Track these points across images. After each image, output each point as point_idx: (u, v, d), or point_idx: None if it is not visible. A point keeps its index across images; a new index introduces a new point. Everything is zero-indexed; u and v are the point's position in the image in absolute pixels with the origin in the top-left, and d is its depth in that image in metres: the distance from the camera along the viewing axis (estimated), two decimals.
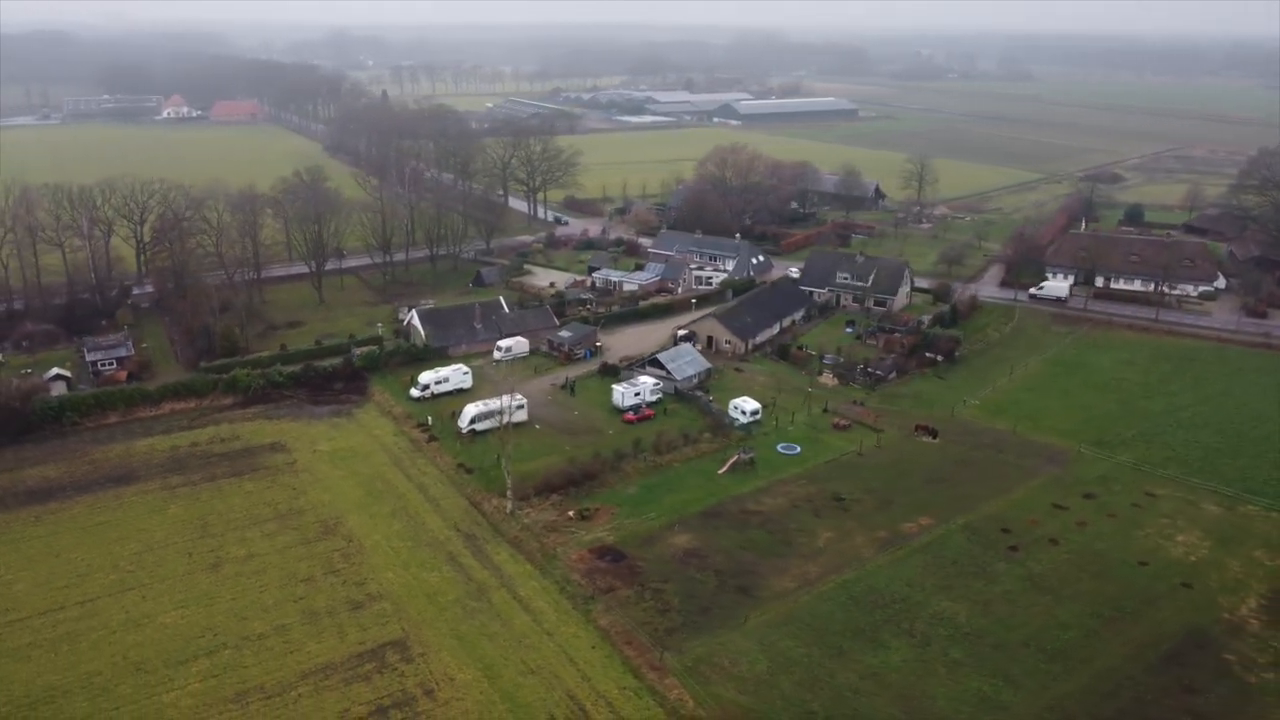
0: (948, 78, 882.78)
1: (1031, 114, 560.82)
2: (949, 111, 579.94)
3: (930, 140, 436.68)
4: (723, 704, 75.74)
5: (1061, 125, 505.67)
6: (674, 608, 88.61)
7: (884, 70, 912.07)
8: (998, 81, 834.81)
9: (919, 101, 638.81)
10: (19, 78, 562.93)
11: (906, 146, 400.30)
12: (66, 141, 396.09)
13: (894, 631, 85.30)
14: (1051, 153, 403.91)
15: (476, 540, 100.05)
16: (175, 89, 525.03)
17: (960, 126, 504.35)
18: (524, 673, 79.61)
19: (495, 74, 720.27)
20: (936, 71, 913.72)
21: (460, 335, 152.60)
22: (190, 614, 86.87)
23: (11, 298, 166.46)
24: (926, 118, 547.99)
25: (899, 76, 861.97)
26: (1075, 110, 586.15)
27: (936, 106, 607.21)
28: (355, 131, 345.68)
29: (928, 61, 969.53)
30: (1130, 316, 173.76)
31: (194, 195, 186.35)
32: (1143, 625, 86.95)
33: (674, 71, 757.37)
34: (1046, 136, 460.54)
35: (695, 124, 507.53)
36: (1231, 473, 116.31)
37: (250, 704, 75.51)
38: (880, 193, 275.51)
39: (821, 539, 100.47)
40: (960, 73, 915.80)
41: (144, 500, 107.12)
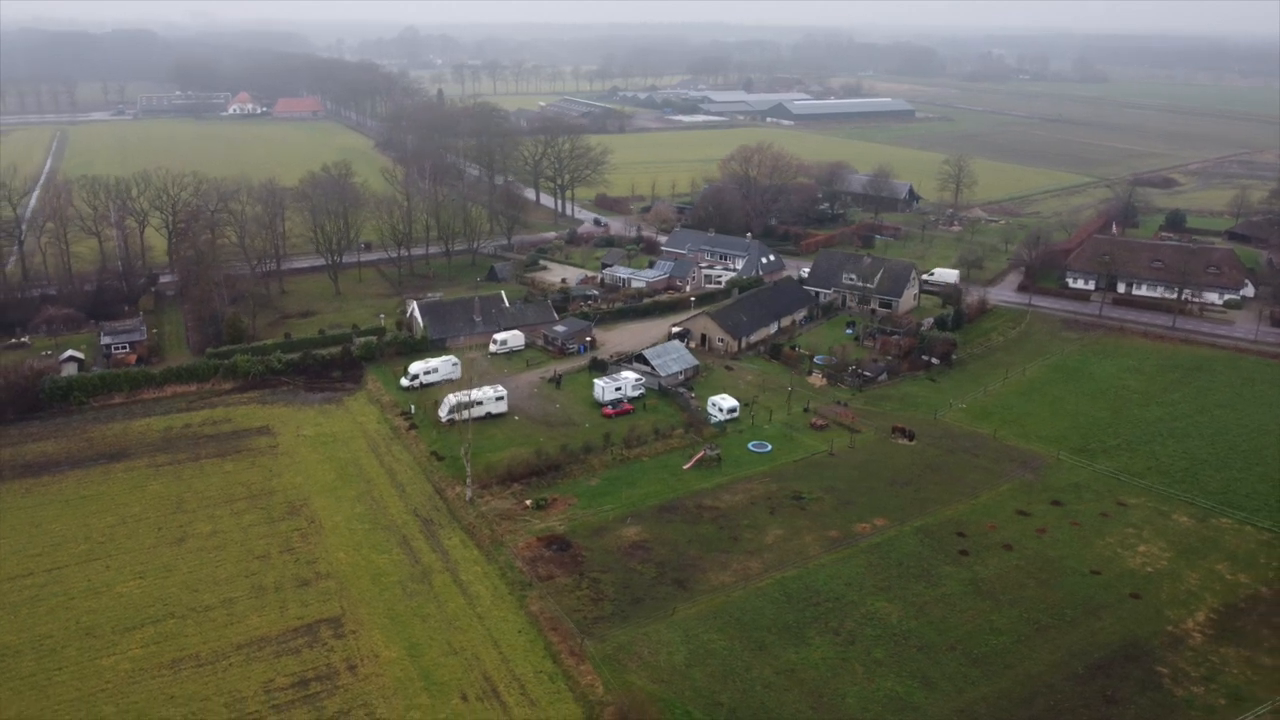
0: (1018, 79, 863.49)
1: (1097, 116, 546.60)
2: (1012, 113, 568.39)
3: (984, 142, 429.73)
4: (631, 691, 76.93)
5: (1126, 128, 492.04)
6: (607, 597, 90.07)
7: (953, 71, 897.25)
8: (1070, 83, 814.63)
9: (983, 103, 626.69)
10: (100, 74, 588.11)
11: (957, 148, 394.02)
12: (135, 135, 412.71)
13: (820, 629, 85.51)
14: (1108, 156, 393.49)
15: (432, 525, 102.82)
16: (243, 86, 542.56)
17: (1019, 128, 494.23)
18: (447, 653, 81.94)
19: (556, 73, 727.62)
20: (1007, 73, 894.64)
21: (459, 328, 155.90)
22: (147, 584, 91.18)
23: (45, 284, 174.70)
24: (986, 119, 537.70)
25: (968, 78, 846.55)
26: (1144, 113, 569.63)
27: (1000, 108, 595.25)
28: (404, 128, 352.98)
29: (998, 62, 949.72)
30: (1145, 323, 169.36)
31: (224, 188, 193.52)
32: (1078, 634, 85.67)
33: (735, 71, 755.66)
34: (1107, 139, 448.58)
35: (748, 124, 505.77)
36: (1214, 484, 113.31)
37: (182, 671, 79.23)
38: (914, 194, 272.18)
39: (770, 536, 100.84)
40: (1032, 74, 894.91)
41: (129, 477, 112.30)
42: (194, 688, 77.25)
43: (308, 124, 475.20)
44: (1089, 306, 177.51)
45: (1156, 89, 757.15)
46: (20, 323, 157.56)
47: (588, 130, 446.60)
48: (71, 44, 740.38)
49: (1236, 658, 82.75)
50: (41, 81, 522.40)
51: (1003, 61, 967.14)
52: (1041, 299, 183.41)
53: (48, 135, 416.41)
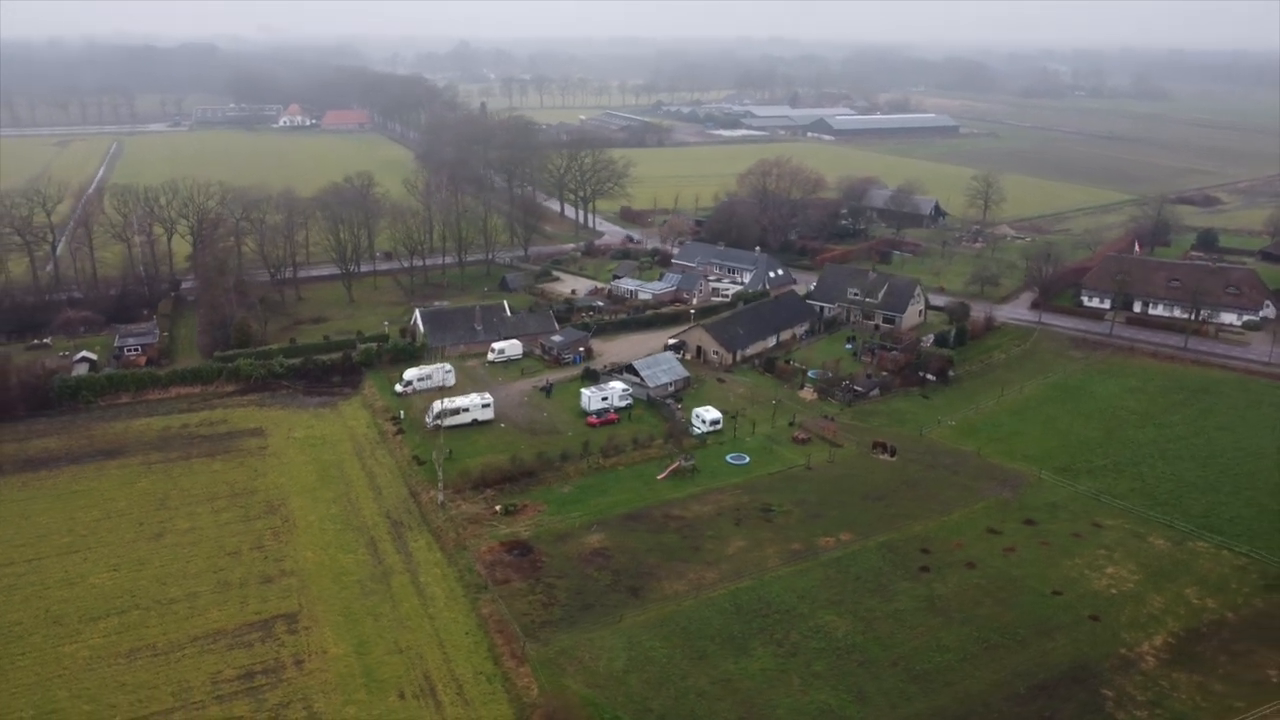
0: (1074, 95, 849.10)
1: (1150, 133, 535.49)
2: (1061, 129, 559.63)
3: (1027, 158, 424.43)
4: (565, 695, 77.98)
5: (1178, 145, 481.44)
6: (559, 602, 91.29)
7: (1007, 87, 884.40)
8: (1127, 99, 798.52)
9: (1034, 119, 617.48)
10: (163, 87, 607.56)
11: (999, 164, 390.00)
12: (187, 146, 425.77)
13: (764, 641, 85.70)
14: (1153, 173, 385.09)
15: (401, 527, 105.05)
16: (295, 98, 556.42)
17: (1066, 145, 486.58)
18: (392, 651, 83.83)
19: (603, 86, 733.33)
20: (1062, 89, 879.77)
21: (459, 336, 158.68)
22: (119, 577, 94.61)
23: (73, 288, 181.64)
24: (1034, 135, 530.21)
25: (1021, 93, 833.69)
26: (1201, 129, 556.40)
27: (1050, 124, 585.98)
28: (442, 140, 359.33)
29: (1054, 78, 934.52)
30: (1156, 344, 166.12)
31: (249, 197, 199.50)
32: (1027, 654, 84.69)
33: (781, 86, 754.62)
34: (1155, 157, 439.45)
35: (789, 138, 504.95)
36: (1197, 507, 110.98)
37: (138, 660, 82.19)
38: (940, 210, 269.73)
39: (732, 547, 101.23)
40: (1088, 90, 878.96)
41: (121, 473, 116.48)
42: (145, 676, 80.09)
43: (354, 136, 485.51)
44: (1101, 325, 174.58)
45: (1218, 105, 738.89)
46: (43, 324, 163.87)
47: (626, 144, 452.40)
48: (139, 58, 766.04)
49: (1188, 683, 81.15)
50: (104, 93, 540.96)
51: (1058, 77, 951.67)
52: (1054, 317, 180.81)
53: (105, 145, 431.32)
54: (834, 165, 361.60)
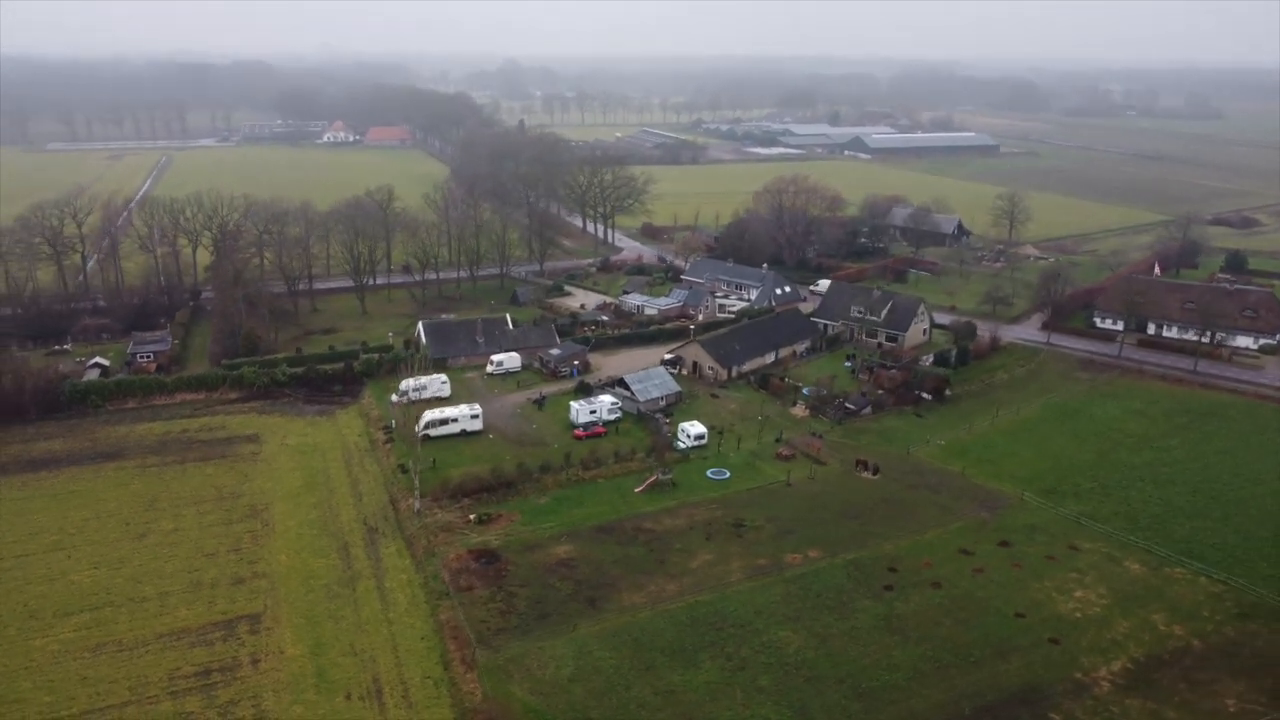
0: (1125, 114, 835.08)
1: (1196, 153, 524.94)
2: (1105, 149, 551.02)
3: (1065, 178, 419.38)
4: (507, 702, 79.11)
5: (1225, 165, 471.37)
6: (517, 611, 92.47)
7: (1057, 106, 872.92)
8: (1180, 119, 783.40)
9: (1080, 138, 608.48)
10: (214, 103, 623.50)
11: (1035, 184, 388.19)
12: (231, 160, 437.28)
13: (714, 654, 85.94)
14: (1193, 193, 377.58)
15: (376, 534, 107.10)
16: (340, 115, 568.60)
17: (1108, 164, 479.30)
18: (347, 654, 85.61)
19: (644, 104, 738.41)
20: (1113, 108, 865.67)
21: (461, 348, 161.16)
22: (98, 574, 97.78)
23: (98, 296, 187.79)
24: (1076, 155, 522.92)
25: (1071, 112, 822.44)
26: (1254, 149, 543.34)
27: (1096, 144, 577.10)
28: (474, 156, 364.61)
29: (1104, 98, 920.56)
30: (1165, 366, 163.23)
31: (272, 210, 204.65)
32: (979, 675, 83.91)
33: (824, 104, 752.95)
34: (1198, 177, 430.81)
35: (825, 157, 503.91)
36: (1181, 533, 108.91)
37: (102, 655, 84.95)
38: (963, 229, 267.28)
39: (697, 561, 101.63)
40: (1140, 109, 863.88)
41: (117, 475, 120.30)
42: (107, 671, 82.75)
43: (395, 151, 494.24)
44: (1110, 347, 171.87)
45: (1273, 125, 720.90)
46: (66, 331, 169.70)
47: (660, 161, 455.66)
48: (195, 75, 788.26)
49: (1140, 709, 79.82)
50: (157, 109, 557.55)
51: (1109, 97, 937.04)
52: (1064, 338, 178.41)
53: (155, 159, 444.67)
54: (865, 183, 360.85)
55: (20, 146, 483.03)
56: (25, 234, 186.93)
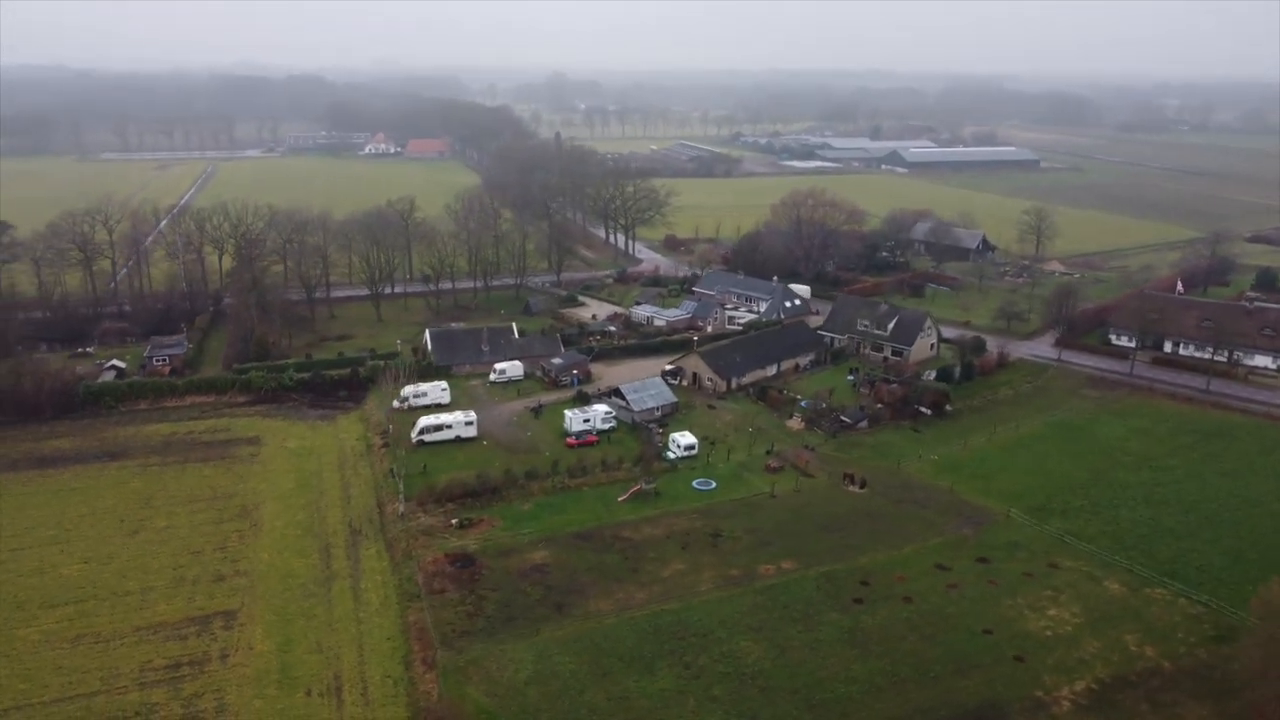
0: (1177, 129, 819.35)
1: (1245, 169, 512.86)
2: (1152, 164, 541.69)
3: (1104, 193, 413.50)
4: (461, 702, 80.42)
5: (1270, 182, 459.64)
6: (484, 614, 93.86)
7: (1107, 121, 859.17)
8: (1234, 135, 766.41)
9: (1128, 153, 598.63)
10: (264, 114, 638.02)
11: (1072, 198, 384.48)
12: (274, 171, 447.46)
13: (672, 662, 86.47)
14: (1235, 210, 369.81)
15: (359, 536, 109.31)
16: (384, 127, 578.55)
17: (1151, 180, 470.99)
18: (313, 651, 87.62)
19: (685, 118, 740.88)
20: (1165, 123, 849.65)
21: (466, 356, 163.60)
22: (87, 569, 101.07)
23: (123, 301, 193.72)
24: (1119, 170, 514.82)
25: (1121, 127, 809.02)
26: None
27: (1143, 159, 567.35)
28: (505, 168, 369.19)
29: (1157, 112, 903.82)
30: (1177, 385, 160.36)
31: (296, 219, 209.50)
32: (935, 691, 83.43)
33: (866, 118, 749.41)
34: (1243, 193, 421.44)
35: (862, 170, 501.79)
36: (1168, 553, 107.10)
37: (80, 646, 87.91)
38: (988, 243, 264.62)
39: (670, 570, 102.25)
40: (1193, 124, 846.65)
41: (119, 474, 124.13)
42: (82, 661, 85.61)
43: (434, 163, 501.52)
44: (1123, 365, 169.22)
45: None
46: (90, 335, 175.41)
47: (694, 174, 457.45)
48: (249, 88, 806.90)
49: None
50: (206, 120, 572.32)
51: (1162, 111, 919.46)
52: (1077, 355, 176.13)
53: (201, 169, 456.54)
54: (896, 197, 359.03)
55: (74, 156, 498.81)
56: (55, 240, 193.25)
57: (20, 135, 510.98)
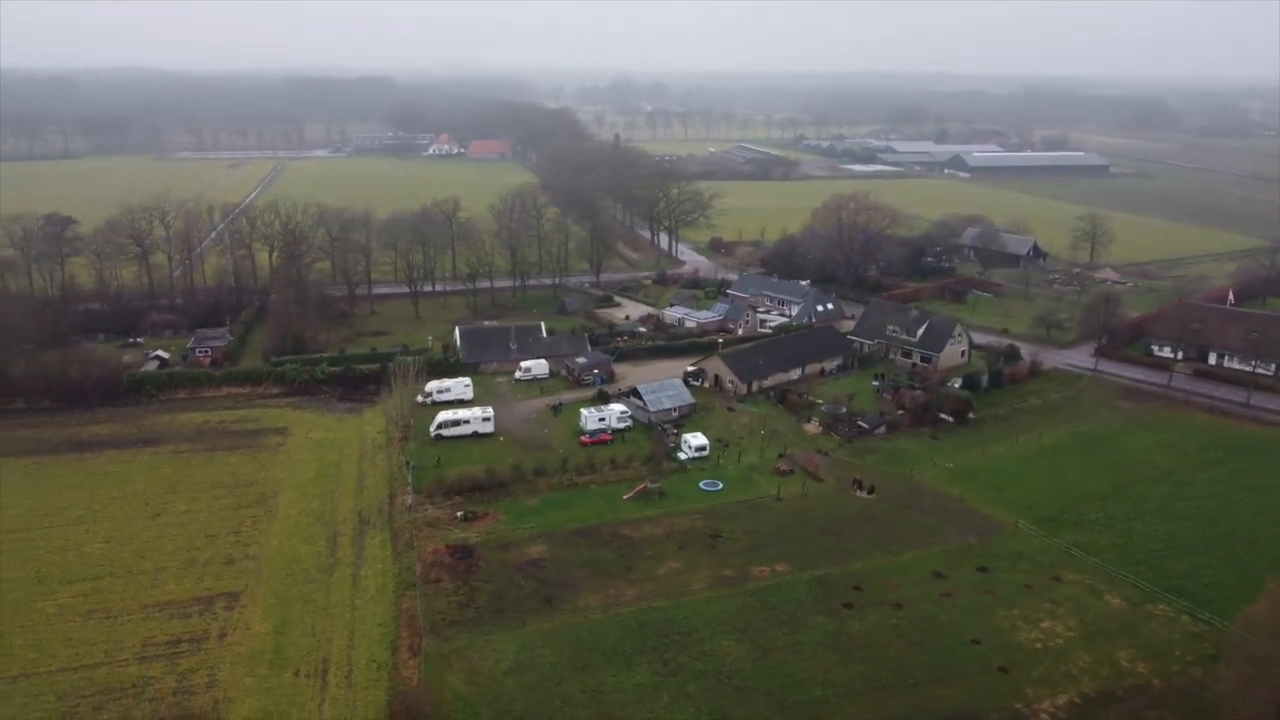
0: (1260, 134, 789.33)
1: None
2: (1228, 171, 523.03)
3: (1171, 200, 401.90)
4: (441, 689, 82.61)
5: None
6: (475, 604, 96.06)
7: (1186, 126, 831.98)
8: None
9: (1204, 160, 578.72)
10: (334, 115, 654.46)
11: (1137, 205, 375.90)
12: (338, 171, 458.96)
13: (651, 659, 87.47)
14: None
15: (367, 525, 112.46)
16: (448, 128, 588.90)
17: (1223, 187, 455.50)
18: (306, 634, 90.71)
19: (747, 120, 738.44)
20: (1247, 128, 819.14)
21: (494, 353, 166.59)
22: (108, 548, 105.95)
23: (176, 295, 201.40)
24: (1192, 176, 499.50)
25: (1201, 132, 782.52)
26: None
27: (1220, 165, 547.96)
28: (559, 169, 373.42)
29: (1240, 117, 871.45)
30: (1215, 397, 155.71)
31: (344, 217, 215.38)
32: (913, 698, 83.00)
33: (932, 121, 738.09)
34: None
35: (923, 175, 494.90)
36: (1177, 570, 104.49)
37: (91, 620, 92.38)
38: (1039, 250, 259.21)
39: (664, 569, 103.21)
40: (1276, 129, 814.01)
41: (150, 460, 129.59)
42: (90, 634, 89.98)
43: (493, 164, 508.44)
44: (1162, 376, 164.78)
45: None
46: (139, 326, 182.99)
47: (751, 176, 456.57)
48: (322, 89, 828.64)
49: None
50: (277, 121, 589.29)
51: (1245, 116, 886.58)
52: (1114, 366, 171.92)
53: (269, 168, 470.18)
54: (954, 202, 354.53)
55: (152, 155, 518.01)
56: (114, 235, 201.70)
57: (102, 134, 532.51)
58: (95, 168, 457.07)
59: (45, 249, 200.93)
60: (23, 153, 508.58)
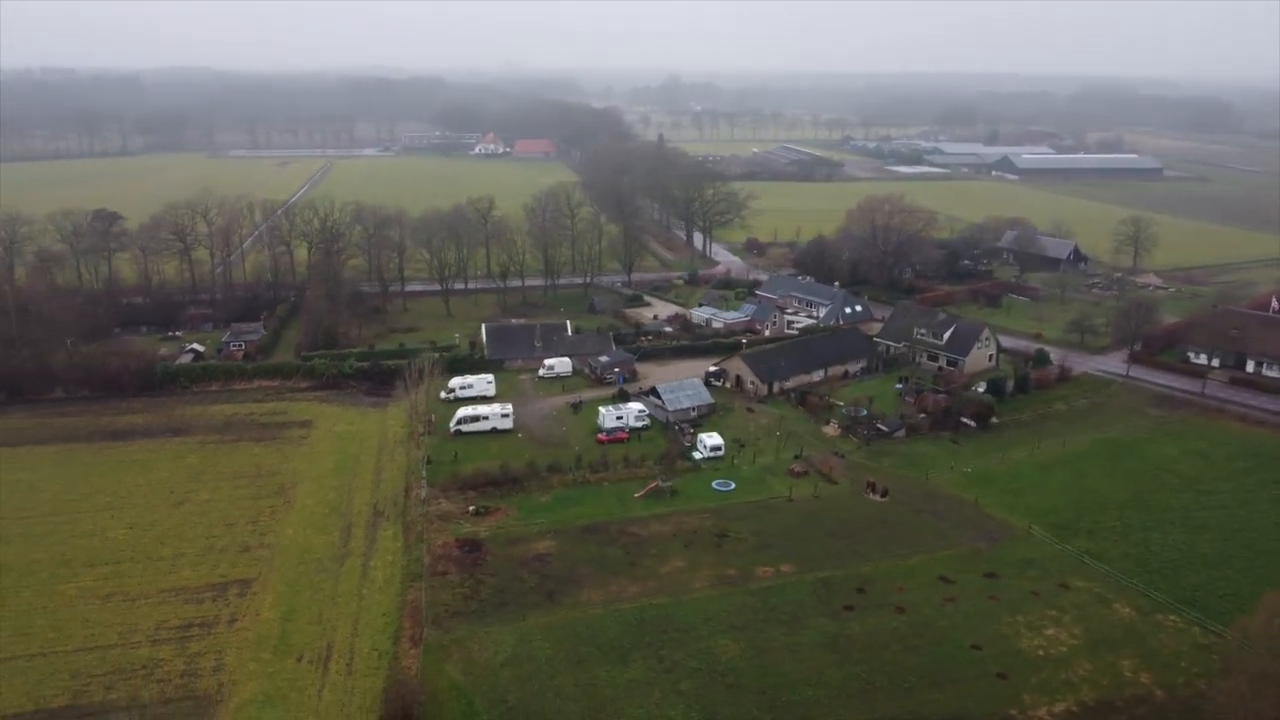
0: None
1: None
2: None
3: (1225, 204, 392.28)
4: (438, 678, 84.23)
5: None
6: (479, 597, 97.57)
7: (1249, 128, 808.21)
8: None
9: (1265, 163, 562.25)
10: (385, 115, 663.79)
11: (1189, 209, 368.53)
12: (384, 169, 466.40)
13: (647, 655, 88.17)
14: None
15: (381, 517, 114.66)
16: (495, 127, 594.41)
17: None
18: (313, 621, 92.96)
19: (795, 120, 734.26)
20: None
21: (519, 351, 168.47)
22: (132, 533, 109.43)
23: (216, 290, 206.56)
24: (1249, 180, 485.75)
25: (1267, 135, 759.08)
26: None
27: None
28: (601, 169, 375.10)
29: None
30: (1250, 406, 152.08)
31: (380, 215, 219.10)
32: (906, 702, 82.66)
33: (985, 122, 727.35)
34: None
35: (970, 176, 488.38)
36: (1193, 580, 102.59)
37: (109, 603, 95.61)
38: (1079, 254, 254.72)
39: (669, 566, 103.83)
40: None
41: (178, 449, 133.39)
42: (108, 616, 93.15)
43: (537, 163, 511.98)
44: (1197, 384, 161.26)
45: None
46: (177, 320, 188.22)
47: (794, 177, 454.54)
48: (375, 88, 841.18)
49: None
50: (328, 121, 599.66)
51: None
52: (1148, 372, 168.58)
53: (317, 167, 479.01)
54: (998, 204, 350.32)
55: (205, 153, 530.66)
56: (157, 231, 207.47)
57: (159, 133, 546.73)
58: (151, 165, 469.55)
59: (93, 244, 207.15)
60: (84, 150, 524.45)
